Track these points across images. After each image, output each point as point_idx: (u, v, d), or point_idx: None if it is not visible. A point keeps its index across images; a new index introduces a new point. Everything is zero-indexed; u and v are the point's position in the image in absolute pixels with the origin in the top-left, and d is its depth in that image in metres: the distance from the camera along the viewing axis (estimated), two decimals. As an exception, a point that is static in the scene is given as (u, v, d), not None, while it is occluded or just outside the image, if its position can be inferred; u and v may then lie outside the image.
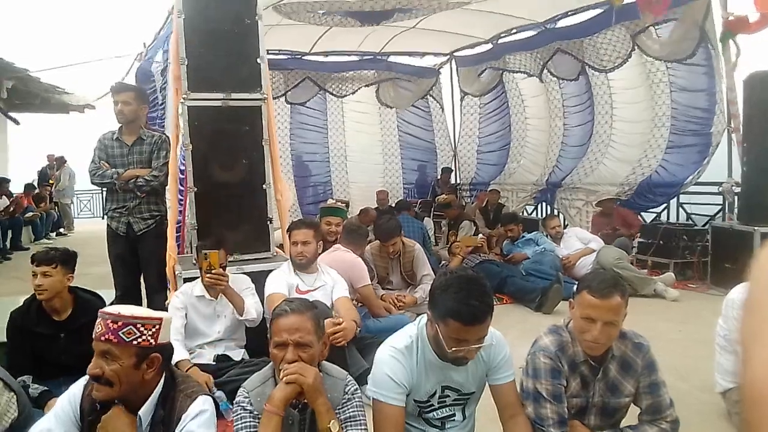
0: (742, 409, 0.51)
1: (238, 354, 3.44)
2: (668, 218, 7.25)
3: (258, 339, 3.46)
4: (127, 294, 4.04)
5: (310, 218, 4.01)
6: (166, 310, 3.33)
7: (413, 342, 2.05)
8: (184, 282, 3.61)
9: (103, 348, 1.72)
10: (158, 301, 3.91)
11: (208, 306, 3.41)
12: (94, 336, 1.75)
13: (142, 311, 1.82)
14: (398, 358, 2.01)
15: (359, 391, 2.01)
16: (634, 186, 7.19)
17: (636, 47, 6.99)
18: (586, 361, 2.13)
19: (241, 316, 3.38)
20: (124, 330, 1.72)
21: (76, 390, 1.85)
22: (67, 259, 3.02)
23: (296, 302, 2.02)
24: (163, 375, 1.87)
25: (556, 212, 8.28)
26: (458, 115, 10.50)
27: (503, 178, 9.57)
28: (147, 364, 1.78)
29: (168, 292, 3.96)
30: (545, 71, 8.38)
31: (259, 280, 3.64)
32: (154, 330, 1.78)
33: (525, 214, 9.12)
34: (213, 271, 3.28)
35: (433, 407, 2.11)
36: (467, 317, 1.83)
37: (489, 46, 9.19)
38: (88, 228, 12.59)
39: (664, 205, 7.29)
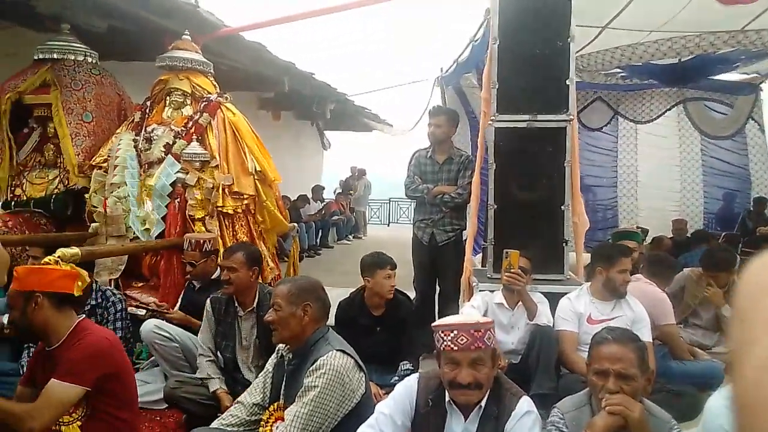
0: (736, 418, 0.53)
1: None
2: None
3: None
4: (425, 298, 4.42)
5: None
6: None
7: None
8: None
9: (474, 356, 1.87)
10: (450, 309, 4.13)
11: (504, 315, 3.50)
12: (456, 348, 1.87)
13: (480, 317, 1.98)
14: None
15: (686, 438, 1.85)
16: None
17: None
18: None
19: (531, 320, 3.39)
20: (486, 336, 1.89)
21: (412, 383, 2.05)
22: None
23: (618, 331, 1.96)
24: None
25: None
26: (782, 137, 8.86)
27: None
28: (496, 363, 1.96)
29: (460, 301, 4.20)
30: None
31: (550, 301, 3.60)
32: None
33: None
34: (512, 270, 3.36)
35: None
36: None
37: (835, 53, 7.54)
38: (378, 234, 14.14)
39: None
